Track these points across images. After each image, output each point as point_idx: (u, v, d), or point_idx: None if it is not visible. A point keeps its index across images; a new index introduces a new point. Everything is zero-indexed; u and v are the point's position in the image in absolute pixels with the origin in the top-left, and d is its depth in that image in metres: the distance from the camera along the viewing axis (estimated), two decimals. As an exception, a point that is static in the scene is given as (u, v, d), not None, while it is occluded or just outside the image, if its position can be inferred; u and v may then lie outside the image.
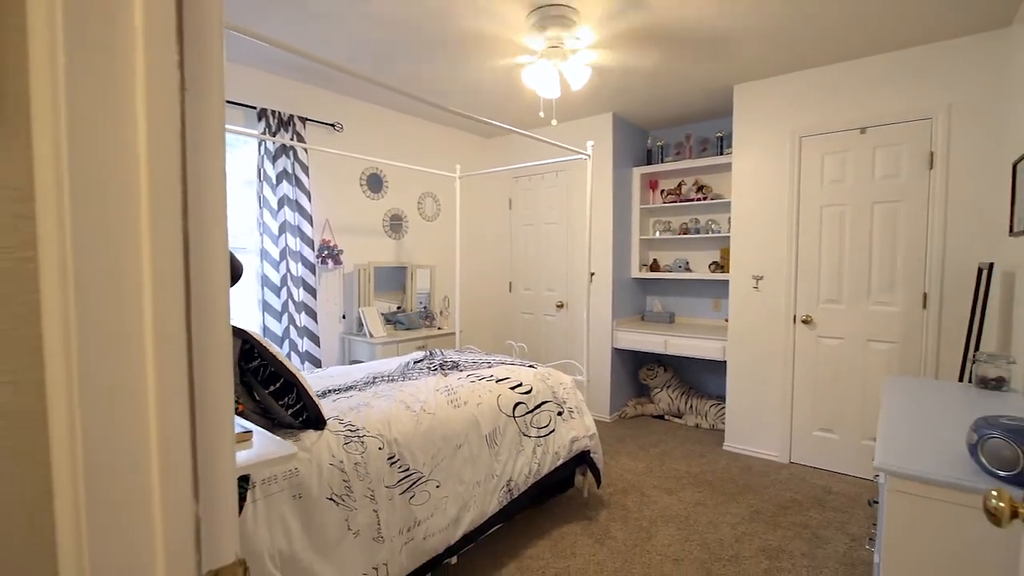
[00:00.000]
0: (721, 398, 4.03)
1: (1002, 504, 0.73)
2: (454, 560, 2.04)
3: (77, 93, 0.44)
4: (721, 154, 3.97)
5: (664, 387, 4.31)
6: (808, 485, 3.03)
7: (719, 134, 3.98)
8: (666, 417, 4.32)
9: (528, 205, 4.72)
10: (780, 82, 3.27)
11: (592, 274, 4.14)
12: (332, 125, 3.58)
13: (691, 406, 4.18)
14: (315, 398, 1.68)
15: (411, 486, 1.81)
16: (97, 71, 0.44)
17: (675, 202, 4.28)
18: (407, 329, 3.84)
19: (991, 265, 2.34)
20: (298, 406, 1.64)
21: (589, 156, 2.71)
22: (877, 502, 1.61)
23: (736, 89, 3.44)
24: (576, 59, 2.54)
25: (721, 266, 4.08)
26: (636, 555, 2.29)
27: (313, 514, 1.52)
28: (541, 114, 2.97)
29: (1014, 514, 0.73)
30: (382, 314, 3.81)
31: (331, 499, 1.57)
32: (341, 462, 1.63)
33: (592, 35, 2.60)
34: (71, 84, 0.43)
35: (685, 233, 4.27)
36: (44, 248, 0.45)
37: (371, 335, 3.56)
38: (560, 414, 2.58)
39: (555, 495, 2.74)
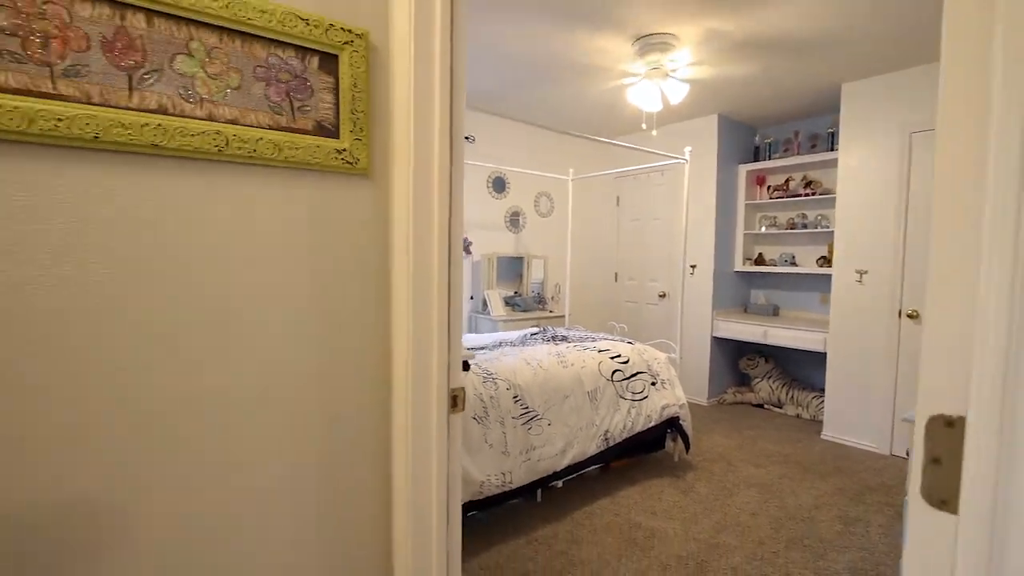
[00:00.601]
0: (824, 391, 4.10)
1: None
2: (559, 484, 2.59)
3: (416, 168, 1.04)
4: (832, 149, 4.02)
5: (765, 377, 4.45)
6: (904, 474, 3.10)
7: (830, 130, 4.03)
8: (766, 406, 4.46)
9: (634, 202, 5.10)
10: (890, 79, 3.31)
11: (693, 267, 4.42)
12: (468, 138, 4.29)
13: (792, 397, 4.29)
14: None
15: (529, 420, 2.39)
16: (422, 157, 1.04)
17: (782, 198, 4.39)
18: (523, 311, 4.46)
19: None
20: (452, 352, 2.30)
21: (687, 161, 3.07)
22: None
23: (844, 87, 3.53)
24: (675, 77, 2.92)
25: (830, 261, 4.13)
26: (716, 506, 2.66)
27: (463, 426, 2.16)
28: (643, 126, 3.38)
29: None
30: (502, 297, 4.47)
31: (474, 418, 2.20)
32: (481, 394, 2.26)
33: (691, 55, 2.95)
34: (415, 163, 1.03)
35: (792, 228, 4.36)
36: (395, 250, 1.06)
37: (493, 314, 4.23)
38: (654, 384, 3.00)
39: (646, 453, 3.16)
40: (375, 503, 1.12)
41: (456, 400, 1.13)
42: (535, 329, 3.53)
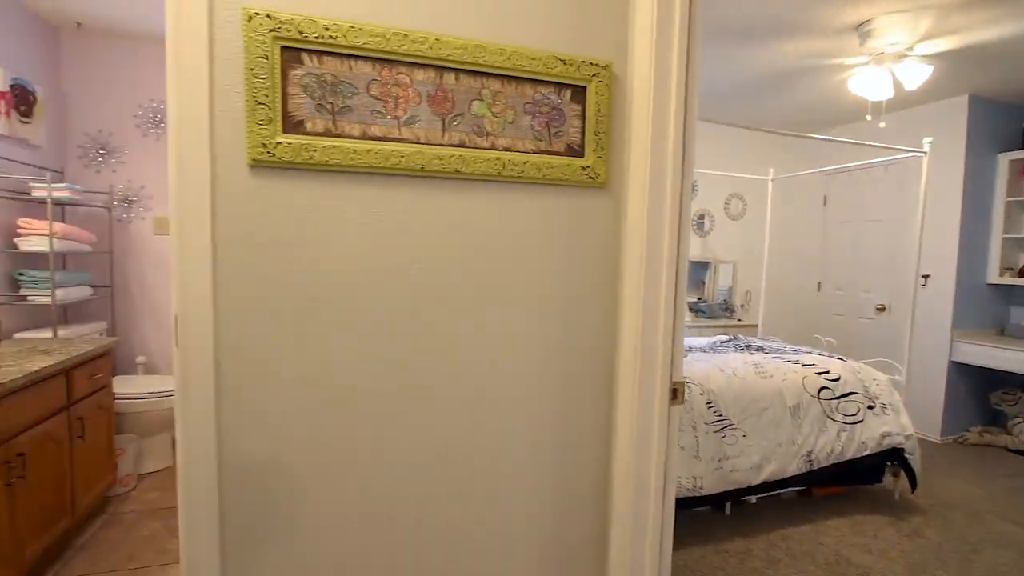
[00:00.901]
0: None
1: None
2: (753, 500, 2.48)
3: (651, 180, 1.16)
4: None
5: (1029, 417, 3.57)
6: None
7: None
8: (1029, 454, 3.57)
9: (845, 202, 4.51)
10: None
11: (925, 277, 3.76)
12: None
13: (1073, 447, 3.36)
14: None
15: (723, 428, 2.34)
16: (656, 171, 1.16)
17: (1066, 193, 3.46)
18: (708, 318, 4.29)
19: None
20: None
21: (925, 153, 2.64)
22: None
23: None
24: (913, 55, 2.54)
25: None
26: (953, 560, 2.26)
27: (655, 425, 2.22)
28: (868, 117, 2.99)
29: None
30: (686, 302, 4.36)
31: (667, 418, 2.24)
32: (673, 396, 2.29)
33: (932, 25, 2.50)
34: (651, 176, 1.16)
35: (1081, 231, 3.42)
36: (627, 248, 1.20)
37: (676, 319, 4.16)
38: (871, 408, 2.66)
39: (858, 484, 2.81)
40: (596, 479, 1.27)
41: (676, 393, 1.22)
42: (725, 337, 3.39)
